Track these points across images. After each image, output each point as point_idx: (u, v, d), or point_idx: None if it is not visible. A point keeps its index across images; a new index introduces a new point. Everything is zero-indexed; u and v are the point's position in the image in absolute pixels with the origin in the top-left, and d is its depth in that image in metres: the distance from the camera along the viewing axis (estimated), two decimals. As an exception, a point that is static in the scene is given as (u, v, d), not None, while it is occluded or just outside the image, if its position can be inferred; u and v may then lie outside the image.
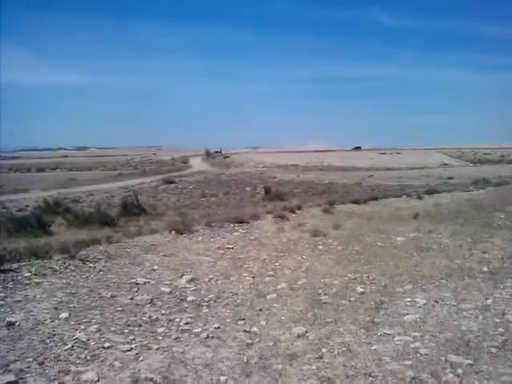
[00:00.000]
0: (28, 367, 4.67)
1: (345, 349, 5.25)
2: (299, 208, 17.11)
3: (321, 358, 5.04)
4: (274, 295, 7.30)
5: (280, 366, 4.84)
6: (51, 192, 32.87)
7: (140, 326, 5.97)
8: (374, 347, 5.29)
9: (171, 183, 37.46)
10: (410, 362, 4.85)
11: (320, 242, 11.29)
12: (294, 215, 15.74)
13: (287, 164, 63.10)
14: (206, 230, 12.61)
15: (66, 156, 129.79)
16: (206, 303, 6.96)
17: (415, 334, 5.63)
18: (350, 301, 6.98)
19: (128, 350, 5.17)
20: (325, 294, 7.29)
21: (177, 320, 6.21)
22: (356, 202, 19.99)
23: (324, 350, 5.22)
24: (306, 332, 5.77)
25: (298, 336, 5.66)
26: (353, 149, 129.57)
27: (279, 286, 7.76)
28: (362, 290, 7.47)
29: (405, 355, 5.05)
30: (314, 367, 4.81)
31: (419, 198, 22.26)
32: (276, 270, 8.92)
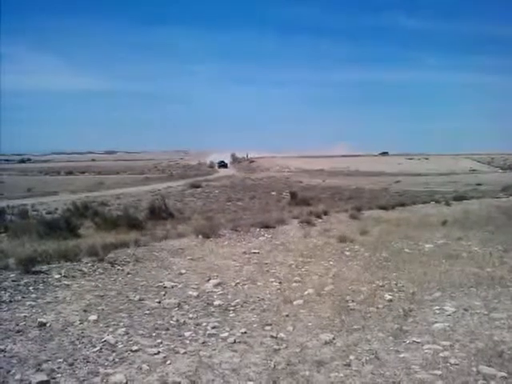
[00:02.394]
0: (59, 367, 4.74)
1: (373, 356, 5.18)
2: (325, 213, 17.05)
3: (349, 365, 4.99)
4: (301, 301, 7.26)
5: (307, 373, 4.80)
6: (80, 195, 33.40)
7: (167, 329, 6.01)
8: (402, 355, 5.20)
9: (198, 187, 37.77)
10: (439, 372, 4.74)
11: (347, 248, 11.21)
12: (320, 220, 15.69)
13: (313, 169, 62.91)
14: (233, 235, 12.66)
15: (94, 160, 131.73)
16: (232, 308, 6.96)
17: (445, 342, 5.51)
18: (377, 308, 6.89)
19: (155, 354, 5.20)
20: (352, 301, 7.22)
21: (204, 324, 6.22)
22: (383, 207, 19.85)
23: (352, 358, 5.16)
24: (334, 339, 5.71)
25: (326, 343, 5.61)
26: (380, 154, 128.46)
27: (306, 292, 7.71)
28: (389, 297, 7.38)
29: (434, 364, 4.95)
30: (341, 374, 4.76)
31: (447, 204, 21.97)
32: (303, 275, 8.88)
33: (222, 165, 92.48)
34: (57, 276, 7.94)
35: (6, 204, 26.42)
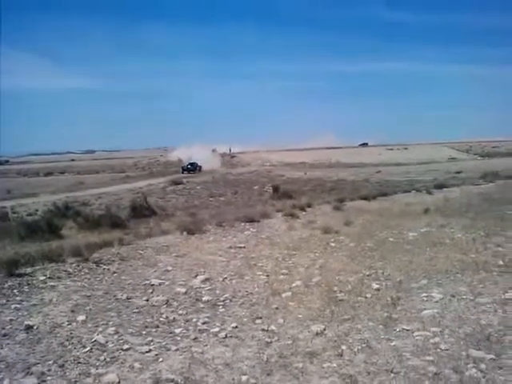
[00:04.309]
0: (49, 370, 4.68)
1: (364, 345, 5.22)
2: (309, 206, 17.09)
3: (341, 355, 5.01)
4: (290, 293, 7.27)
5: (300, 365, 4.81)
6: (60, 196, 33.06)
7: (157, 326, 5.97)
8: (393, 343, 5.25)
9: (179, 184, 37.62)
10: (431, 358, 4.80)
11: (332, 239, 11.26)
12: (303, 213, 15.73)
13: (294, 162, 63.06)
14: (217, 230, 12.63)
15: (73, 160, 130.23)
16: (221, 303, 6.95)
17: (434, 329, 5.57)
18: (366, 297, 6.93)
19: (147, 352, 5.17)
20: (340, 291, 7.25)
21: (194, 320, 6.21)
22: (365, 198, 19.98)
23: (344, 347, 5.19)
24: (324, 329, 5.73)
25: (317, 334, 5.63)
26: (359, 145, 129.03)
27: (294, 284, 7.73)
28: (377, 286, 7.43)
29: (425, 351, 5.00)
30: (334, 364, 4.78)
31: (429, 192, 22.21)
32: (289, 268, 8.89)
33: (190, 169, 63.36)
34: (42, 278, 7.83)
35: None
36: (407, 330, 5.59)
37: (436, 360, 4.75)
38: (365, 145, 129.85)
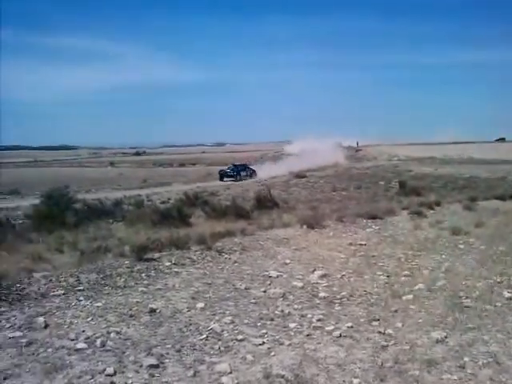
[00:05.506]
0: (167, 353, 4.92)
1: (491, 360, 4.78)
2: (437, 204, 16.21)
3: (463, 367, 4.64)
4: (411, 296, 6.93)
5: (417, 373, 4.54)
6: (191, 185, 34.78)
7: (272, 319, 6.01)
8: (525, 360, 4.76)
9: (302, 177, 37.65)
10: None
11: (461, 241, 10.55)
12: (431, 211, 14.95)
13: (422, 156, 60.20)
14: (338, 225, 12.44)
15: (204, 152, 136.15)
16: (338, 300, 6.82)
17: None
18: (495, 306, 6.39)
19: (260, 344, 5.22)
20: (466, 298, 6.76)
21: (309, 316, 6.15)
22: (501, 197, 18.46)
23: (466, 359, 4.81)
24: (446, 337, 5.37)
25: (437, 341, 5.28)
26: (496, 140, 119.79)
27: (416, 287, 7.35)
28: (509, 294, 6.80)
29: None
30: (455, 377, 4.45)
31: None
32: (412, 269, 8.48)
33: (229, 174, 44.16)
34: (167, 263, 8.27)
35: (123, 194, 28.15)
36: (543, 347, 5.05)
37: None
38: (502, 140, 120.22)
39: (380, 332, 5.61)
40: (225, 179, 42.85)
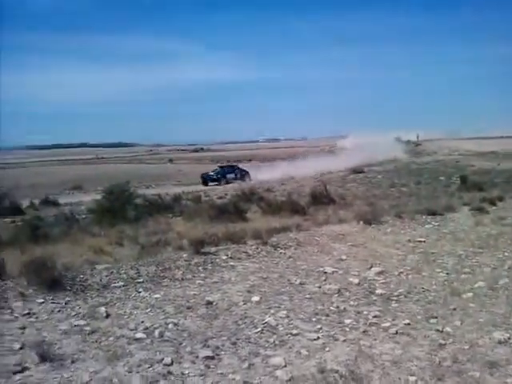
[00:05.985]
0: (222, 345, 5.00)
1: (561, 365, 4.56)
2: (500, 199, 15.55)
3: (529, 371, 4.45)
4: (471, 294, 6.71)
5: (477, 374, 4.39)
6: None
7: (327, 315, 5.97)
8: None
9: (360, 173, 37.00)
10: None
11: (526, 238, 10.09)
12: (494, 207, 14.35)
13: (485, 151, 57.91)
14: (396, 222, 12.18)
15: (258, 148, 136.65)
16: (395, 297, 6.69)
17: None
18: None
19: (315, 339, 5.20)
20: (532, 297, 6.47)
21: (365, 312, 6.07)
22: None
23: (533, 363, 4.60)
24: (510, 338, 5.16)
25: (499, 342, 5.08)
26: None
27: (476, 285, 7.10)
28: None
29: None
30: (520, 381, 4.27)
31: None
32: (473, 267, 8.20)
33: (213, 178, 41.12)
34: (224, 257, 8.39)
35: (182, 190, 28.74)
36: None
37: None
38: None
39: (438, 330, 5.46)
40: (210, 184, 39.54)
